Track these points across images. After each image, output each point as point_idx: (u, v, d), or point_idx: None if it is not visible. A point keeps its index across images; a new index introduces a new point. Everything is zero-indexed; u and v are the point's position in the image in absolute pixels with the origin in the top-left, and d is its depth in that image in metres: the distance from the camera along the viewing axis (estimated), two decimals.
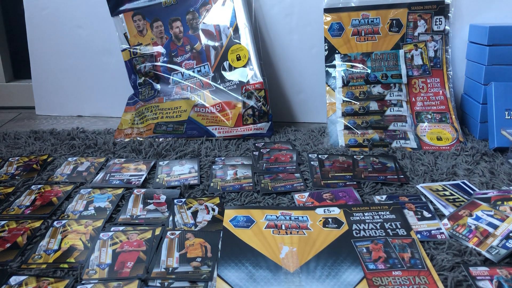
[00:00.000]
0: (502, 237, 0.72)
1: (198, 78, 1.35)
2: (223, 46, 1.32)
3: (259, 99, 1.27)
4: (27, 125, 1.43)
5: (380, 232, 0.75)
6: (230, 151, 1.15)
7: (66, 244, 0.74)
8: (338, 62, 1.29)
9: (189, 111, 1.29)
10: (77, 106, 1.52)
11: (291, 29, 1.36)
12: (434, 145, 1.15)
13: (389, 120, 1.21)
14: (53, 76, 1.50)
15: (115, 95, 1.47)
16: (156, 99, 1.36)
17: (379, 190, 0.92)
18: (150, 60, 1.38)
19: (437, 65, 1.28)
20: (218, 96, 1.31)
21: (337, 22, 1.30)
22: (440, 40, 1.28)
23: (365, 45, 1.29)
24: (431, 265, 0.66)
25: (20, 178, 1.00)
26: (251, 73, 1.29)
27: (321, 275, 0.64)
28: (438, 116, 1.23)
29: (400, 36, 1.28)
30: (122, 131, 1.29)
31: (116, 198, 0.90)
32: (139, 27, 1.38)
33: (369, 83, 1.25)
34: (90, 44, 1.45)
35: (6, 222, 0.81)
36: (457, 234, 0.75)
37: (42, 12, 1.44)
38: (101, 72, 1.48)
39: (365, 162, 1.04)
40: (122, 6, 1.37)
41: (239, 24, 1.31)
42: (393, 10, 1.28)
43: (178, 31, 1.36)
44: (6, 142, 1.23)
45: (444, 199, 0.86)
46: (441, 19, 1.27)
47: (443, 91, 1.26)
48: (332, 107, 1.27)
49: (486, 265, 0.67)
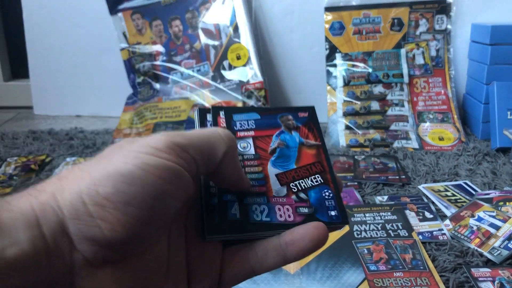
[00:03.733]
0: (504, 238, 0.71)
1: (197, 77, 1.34)
2: (222, 45, 1.31)
3: (259, 98, 1.26)
4: (25, 125, 1.42)
5: (382, 233, 0.74)
6: None
7: None
8: (339, 61, 1.28)
9: (188, 110, 1.28)
10: (76, 106, 1.51)
11: (291, 28, 1.35)
12: (436, 145, 1.14)
13: (391, 120, 1.20)
14: (52, 76, 1.49)
15: (114, 95, 1.46)
16: (155, 99, 1.35)
17: (380, 191, 0.91)
18: (149, 59, 1.37)
19: (438, 65, 1.27)
20: (218, 95, 1.30)
21: (338, 21, 1.29)
22: (442, 39, 1.27)
23: (366, 44, 1.28)
24: (433, 266, 0.65)
25: (18, 179, 0.99)
26: (251, 73, 1.28)
27: (321, 277, 0.63)
28: (440, 116, 1.22)
29: (401, 35, 1.27)
30: (121, 131, 1.28)
31: None
32: (138, 26, 1.37)
33: (370, 82, 1.24)
34: (88, 43, 1.44)
35: None
36: (459, 235, 0.74)
37: (40, 11, 1.43)
38: (99, 72, 1.47)
39: (366, 163, 1.03)
40: (121, 5, 1.36)
41: (239, 23, 1.30)
42: (395, 9, 1.27)
43: (177, 30, 1.35)
44: (4, 142, 1.22)
45: (446, 200, 0.85)
46: (442, 18, 1.26)
47: (445, 90, 1.25)
48: (333, 106, 1.26)
49: (488, 266, 0.66)
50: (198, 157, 0.28)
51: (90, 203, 0.24)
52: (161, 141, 0.27)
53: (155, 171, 0.26)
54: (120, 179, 0.25)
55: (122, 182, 0.25)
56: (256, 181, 0.33)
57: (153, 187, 0.25)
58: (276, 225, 0.31)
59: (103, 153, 0.28)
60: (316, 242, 0.30)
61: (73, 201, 0.24)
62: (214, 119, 0.35)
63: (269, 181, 0.33)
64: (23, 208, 0.24)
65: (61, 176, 0.27)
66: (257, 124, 0.35)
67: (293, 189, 0.33)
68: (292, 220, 0.31)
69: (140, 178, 0.25)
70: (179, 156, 0.27)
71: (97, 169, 0.26)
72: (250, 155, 0.34)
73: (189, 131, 0.29)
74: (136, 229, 0.25)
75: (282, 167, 0.34)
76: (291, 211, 0.32)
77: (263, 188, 0.32)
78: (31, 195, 0.25)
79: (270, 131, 0.35)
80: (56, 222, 0.24)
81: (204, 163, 0.29)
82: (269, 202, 0.32)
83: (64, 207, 0.24)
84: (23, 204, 0.24)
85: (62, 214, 0.24)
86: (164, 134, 0.28)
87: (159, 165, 0.26)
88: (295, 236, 0.30)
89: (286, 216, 0.31)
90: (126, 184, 0.25)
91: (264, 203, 0.32)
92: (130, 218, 0.25)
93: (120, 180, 0.25)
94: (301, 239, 0.30)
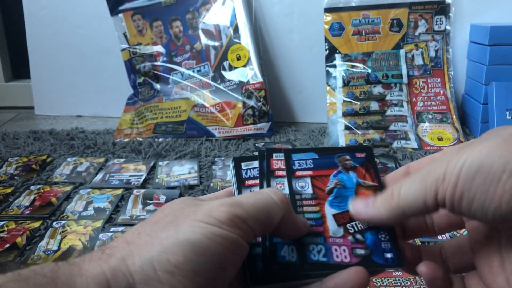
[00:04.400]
0: None
1: (198, 78, 1.35)
2: (223, 45, 1.32)
3: (259, 99, 1.26)
4: (26, 125, 1.43)
5: None
6: (230, 152, 1.15)
7: (66, 245, 0.74)
8: (338, 62, 1.29)
9: (188, 111, 1.29)
10: (77, 106, 1.52)
11: (291, 29, 1.36)
12: (435, 146, 1.15)
13: (390, 120, 1.21)
14: (53, 76, 1.50)
15: (115, 95, 1.46)
16: (156, 99, 1.36)
17: None
18: (149, 59, 1.38)
19: (438, 65, 1.28)
20: (218, 96, 1.31)
21: (338, 21, 1.30)
22: (441, 40, 1.28)
23: (366, 44, 1.29)
24: None
25: (19, 179, 1.00)
26: (251, 73, 1.29)
27: None
28: (439, 116, 1.23)
29: (400, 35, 1.28)
30: (122, 131, 1.29)
31: (116, 199, 0.90)
32: (139, 26, 1.37)
33: (370, 83, 1.25)
34: (89, 43, 1.45)
35: (5, 222, 0.81)
36: (458, 235, 0.74)
37: (41, 12, 1.44)
38: (100, 72, 1.47)
39: None
40: (122, 6, 1.37)
41: (239, 23, 1.30)
42: (394, 10, 1.28)
43: (177, 30, 1.36)
44: (5, 142, 1.23)
45: None
46: (442, 19, 1.27)
47: (444, 91, 1.26)
48: (332, 107, 1.26)
49: None
50: (257, 227, 0.30)
51: (160, 269, 0.26)
52: (223, 213, 0.29)
53: (220, 241, 0.27)
54: (190, 248, 0.26)
55: (192, 251, 0.26)
56: (314, 220, 0.33)
57: (218, 257, 0.27)
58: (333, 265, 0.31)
59: (168, 217, 0.29)
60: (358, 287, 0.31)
61: (144, 267, 0.26)
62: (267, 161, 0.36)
63: (326, 221, 0.33)
64: (94, 273, 0.25)
65: (128, 241, 0.28)
66: (315, 163, 0.36)
67: (349, 230, 0.33)
68: (349, 261, 0.32)
69: (208, 248, 0.27)
70: (239, 227, 0.29)
71: (166, 236, 0.27)
72: (308, 194, 0.34)
73: (244, 197, 0.31)
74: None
75: (339, 207, 0.34)
76: (347, 252, 0.32)
77: (320, 228, 0.33)
78: (101, 259, 0.27)
79: (327, 171, 0.36)
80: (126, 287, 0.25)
81: (261, 230, 0.30)
82: (326, 242, 0.32)
83: (135, 272, 0.26)
84: (94, 269, 0.26)
85: (132, 279, 0.26)
86: (224, 204, 0.29)
87: (223, 235, 0.28)
88: (337, 282, 0.31)
89: (342, 257, 0.32)
90: (195, 253, 0.27)
91: (321, 243, 0.32)
92: (195, 285, 0.26)
93: (189, 249, 0.26)
94: (343, 284, 0.30)
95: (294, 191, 0.34)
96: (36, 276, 0.25)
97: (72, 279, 0.25)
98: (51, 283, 0.24)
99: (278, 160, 0.36)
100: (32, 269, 0.25)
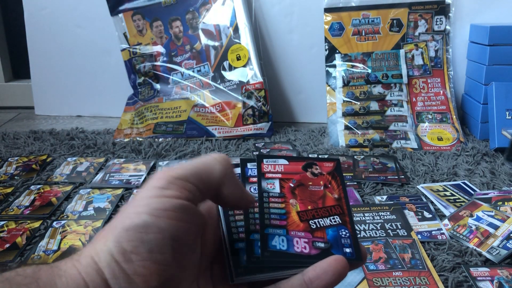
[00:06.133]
0: (503, 238, 0.72)
1: (198, 78, 1.35)
2: (223, 45, 1.32)
3: (259, 99, 1.26)
4: (26, 125, 1.43)
5: (381, 232, 0.75)
6: (230, 152, 1.15)
7: (66, 245, 0.74)
8: (338, 62, 1.29)
9: (189, 111, 1.29)
10: (77, 106, 1.52)
11: (291, 29, 1.36)
12: (434, 145, 1.15)
13: (390, 120, 1.21)
14: (53, 76, 1.50)
15: (115, 95, 1.46)
16: (156, 99, 1.36)
17: (379, 191, 0.92)
18: (149, 60, 1.38)
19: (437, 65, 1.28)
20: (218, 96, 1.31)
21: (338, 21, 1.30)
22: (441, 40, 1.28)
23: (366, 45, 1.29)
24: (432, 265, 0.66)
25: (19, 178, 1.00)
26: (251, 73, 1.29)
27: None
28: (439, 116, 1.23)
29: (400, 36, 1.28)
30: (122, 131, 1.29)
31: (116, 199, 0.90)
32: (139, 26, 1.37)
33: (370, 83, 1.25)
34: (89, 43, 1.45)
35: (5, 222, 0.81)
36: (458, 235, 0.74)
37: (41, 12, 1.44)
38: (100, 72, 1.47)
39: (365, 163, 1.04)
40: (122, 6, 1.37)
41: (239, 23, 1.30)
42: (394, 10, 1.28)
43: (178, 30, 1.36)
44: (5, 142, 1.23)
45: (445, 200, 0.86)
46: (441, 19, 1.27)
47: (444, 91, 1.26)
48: (332, 107, 1.27)
49: (487, 266, 0.67)
50: (198, 183, 0.30)
51: (122, 261, 0.27)
52: (162, 179, 0.29)
53: (165, 214, 0.28)
54: (137, 230, 0.27)
55: (140, 233, 0.27)
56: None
57: (167, 230, 0.28)
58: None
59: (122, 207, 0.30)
60: (339, 275, 0.32)
61: (109, 263, 0.27)
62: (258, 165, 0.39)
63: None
64: (71, 273, 0.27)
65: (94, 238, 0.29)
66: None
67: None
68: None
69: (155, 225, 0.27)
70: (182, 187, 0.29)
71: (116, 225, 0.28)
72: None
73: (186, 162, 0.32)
74: (165, 273, 0.28)
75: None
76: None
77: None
78: (74, 259, 0.28)
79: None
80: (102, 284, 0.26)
81: (205, 187, 0.31)
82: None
83: (103, 268, 0.27)
84: (71, 270, 0.27)
85: (104, 276, 0.27)
86: (163, 170, 0.30)
87: (168, 207, 0.28)
88: (318, 272, 0.32)
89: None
90: (144, 233, 0.27)
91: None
92: (157, 264, 0.27)
93: (137, 231, 0.27)
94: (325, 273, 0.31)
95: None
96: (18, 277, 0.26)
97: (53, 280, 0.26)
98: (33, 283, 0.25)
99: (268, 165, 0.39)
100: (14, 271, 0.26)
